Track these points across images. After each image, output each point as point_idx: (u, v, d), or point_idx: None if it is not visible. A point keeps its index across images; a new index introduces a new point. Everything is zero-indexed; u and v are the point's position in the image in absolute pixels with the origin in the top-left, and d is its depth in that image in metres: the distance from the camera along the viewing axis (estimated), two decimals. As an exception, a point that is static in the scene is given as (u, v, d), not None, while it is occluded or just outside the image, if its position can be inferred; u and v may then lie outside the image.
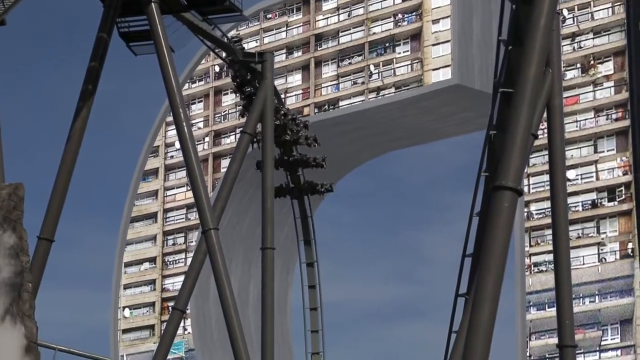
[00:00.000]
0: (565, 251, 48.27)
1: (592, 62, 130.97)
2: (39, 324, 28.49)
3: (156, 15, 57.10)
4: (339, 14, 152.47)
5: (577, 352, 68.03)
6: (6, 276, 31.37)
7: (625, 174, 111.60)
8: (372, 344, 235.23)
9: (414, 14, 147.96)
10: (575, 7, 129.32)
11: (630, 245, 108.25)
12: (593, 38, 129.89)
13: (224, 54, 71.79)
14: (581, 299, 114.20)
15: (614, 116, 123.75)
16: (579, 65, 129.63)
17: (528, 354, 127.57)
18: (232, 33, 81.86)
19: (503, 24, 42.14)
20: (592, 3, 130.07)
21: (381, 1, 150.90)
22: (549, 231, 58.21)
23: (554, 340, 51.17)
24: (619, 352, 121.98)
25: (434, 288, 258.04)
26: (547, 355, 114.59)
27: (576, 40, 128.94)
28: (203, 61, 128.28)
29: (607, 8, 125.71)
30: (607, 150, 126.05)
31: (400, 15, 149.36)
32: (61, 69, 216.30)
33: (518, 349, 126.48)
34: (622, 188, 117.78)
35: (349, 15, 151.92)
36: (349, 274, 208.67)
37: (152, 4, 57.28)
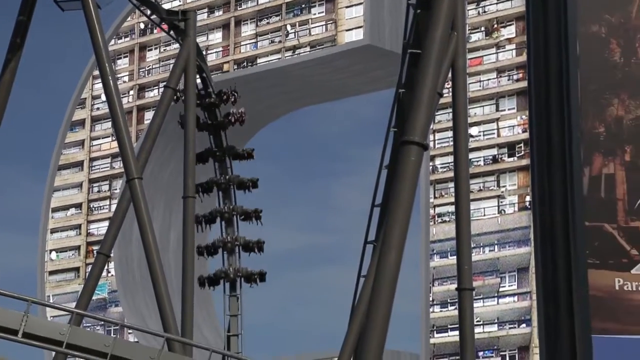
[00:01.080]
0: (466, 203, 49.69)
1: (495, 25, 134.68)
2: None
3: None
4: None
5: (477, 297, 70.12)
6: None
7: (524, 131, 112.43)
8: (286, 288, 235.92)
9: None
10: None
11: (527, 198, 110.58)
12: (497, 3, 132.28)
13: (148, 12, 72.33)
14: (481, 248, 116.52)
15: (515, 77, 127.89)
16: (483, 29, 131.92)
17: (431, 298, 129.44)
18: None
19: None
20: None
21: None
22: (452, 184, 59.55)
23: (455, 285, 52.61)
24: (515, 298, 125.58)
25: (345, 236, 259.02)
26: (448, 300, 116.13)
27: (481, 5, 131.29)
28: (129, 18, 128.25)
29: None
30: (508, 109, 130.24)
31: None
32: None
33: (422, 293, 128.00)
34: (522, 144, 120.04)
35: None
36: (264, 223, 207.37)
37: (81, -33, 57.93)
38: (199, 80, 67.79)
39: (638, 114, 26.29)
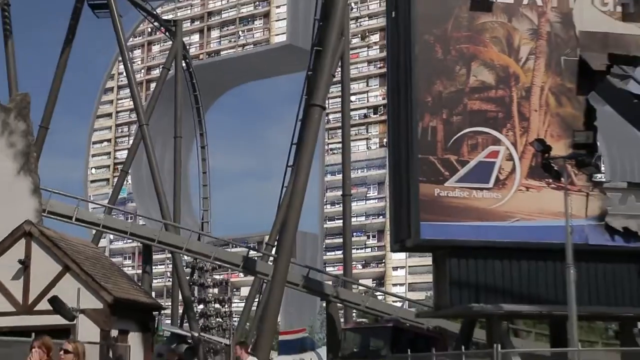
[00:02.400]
0: (347, 142, 51.61)
1: (367, 34, 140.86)
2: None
3: (111, -3, 57.14)
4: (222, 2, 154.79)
5: (353, 200, 70.55)
6: (19, 148, 31.72)
7: (383, 99, 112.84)
8: (241, 194, 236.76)
9: (266, 2, 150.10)
10: (359, 1, 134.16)
11: (385, 140, 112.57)
12: (368, 20, 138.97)
13: (153, 20, 72.44)
14: (357, 170, 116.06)
15: (378, 66, 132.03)
16: (359, 35, 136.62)
17: (325, 200, 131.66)
18: (160, 10, 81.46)
19: (318, 10, 43.86)
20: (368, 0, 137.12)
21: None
22: (340, 130, 60.02)
23: (340, 192, 53.52)
24: (376, 200, 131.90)
25: (275, 162, 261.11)
26: (335, 201, 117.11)
27: (358, 21, 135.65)
28: (141, 25, 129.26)
29: (377, 2, 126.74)
30: (374, 85, 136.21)
31: (258, 2, 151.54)
32: (49, 25, 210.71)
33: (320, 197, 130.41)
34: (382, 107, 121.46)
35: (227, 2, 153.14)
36: (228, 155, 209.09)
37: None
38: (184, 63, 67.51)
39: (451, 90, 26.45)
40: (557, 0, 27.95)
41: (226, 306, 69.30)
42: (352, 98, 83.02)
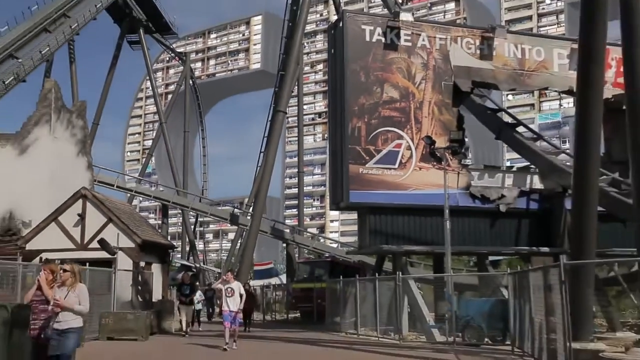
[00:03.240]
0: (301, 137, 49.93)
1: (314, 64, 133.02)
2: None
3: (142, 34, 56.49)
4: (216, 41, 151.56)
5: (304, 175, 69.85)
6: (79, 137, 31.46)
7: (325, 108, 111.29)
8: (230, 173, 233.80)
9: (247, 41, 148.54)
10: (309, 42, 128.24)
11: (326, 135, 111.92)
12: (316, 54, 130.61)
13: (170, 52, 71.47)
14: (307, 155, 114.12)
15: (322, 85, 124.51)
16: (309, 64, 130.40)
17: (285, 175, 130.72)
18: (175, 45, 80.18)
19: (282, 47, 43.26)
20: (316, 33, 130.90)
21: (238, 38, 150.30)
22: (296, 129, 59.71)
23: (296, 170, 52.74)
24: (320, 176, 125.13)
25: (253, 149, 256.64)
26: (292, 176, 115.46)
27: (308, 55, 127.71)
28: (162, 55, 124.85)
29: (322, 42, 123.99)
30: (318, 98, 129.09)
31: (241, 41, 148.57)
32: (101, 52, 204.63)
33: (281, 175, 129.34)
34: (324, 113, 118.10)
35: (220, 40, 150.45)
36: (220, 144, 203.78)
37: (141, 29, 56.58)
38: (191, 82, 67.02)
39: (370, 102, 26.50)
40: (439, 45, 28.22)
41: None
42: (305, 107, 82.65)
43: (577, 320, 13.83)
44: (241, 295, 16.89)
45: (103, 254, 23.36)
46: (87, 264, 20.30)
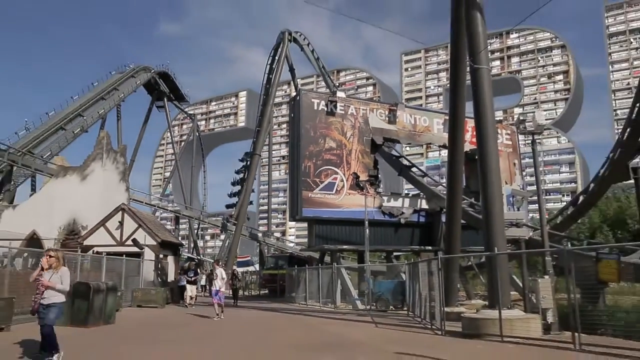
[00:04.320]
0: (270, 171, 48.62)
1: (280, 123, 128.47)
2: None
3: (165, 101, 55.70)
4: (215, 107, 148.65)
5: (272, 197, 68.30)
6: (120, 169, 30.87)
7: (287, 153, 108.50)
8: (222, 195, 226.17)
9: (235, 108, 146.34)
10: (276, 108, 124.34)
11: (287, 171, 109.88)
12: (282, 117, 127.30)
13: (184, 114, 69.99)
14: (274, 184, 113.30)
15: (285, 137, 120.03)
16: (276, 123, 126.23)
17: (259, 197, 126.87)
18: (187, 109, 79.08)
19: (259, 110, 42.58)
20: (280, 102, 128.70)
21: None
22: (267, 166, 58.56)
23: (266, 194, 51.34)
24: (283, 198, 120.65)
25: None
26: (264, 197, 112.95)
27: (275, 115, 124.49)
28: (178, 116, 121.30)
29: (285, 109, 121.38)
30: (283, 146, 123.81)
31: (231, 109, 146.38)
32: (137, 112, 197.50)
33: (257, 195, 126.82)
34: (286, 156, 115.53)
35: (218, 107, 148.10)
36: (216, 175, 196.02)
37: (165, 98, 55.94)
38: (197, 134, 65.86)
39: (317, 149, 26.64)
40: (362, 113, 28.69)
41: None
42: (273, 151, 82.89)
43: (448, 293, 14.24)
44: (223, 278, 16.43)
45: (135, 249, 23.42)
46: (124, 255, 20.23)
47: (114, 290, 13.96)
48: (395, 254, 32.40)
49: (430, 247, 27.34)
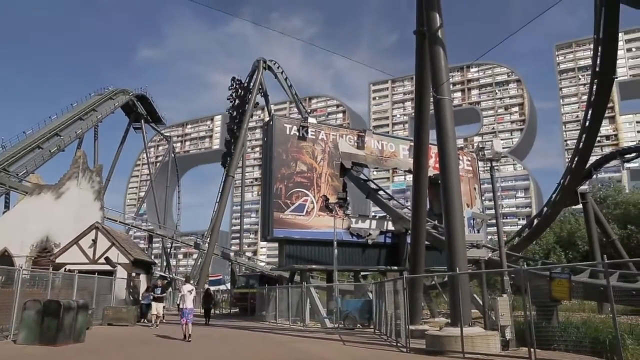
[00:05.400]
0: (243, 193, 47.94)
1: (254, 147, 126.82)
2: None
3: (143, 123, 54.99)
4: (190, 130, 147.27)
5: (245, 217, 67.66)
6: (96, 188, 30.15)
7: (260, 175, 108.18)
8: (195, 215, 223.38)
9: (211, 131, 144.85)
10: (250, 132, 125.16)
11: (259, 192, 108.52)
12: (255, 140, 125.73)
13: (160, 136, 68.94)
14: (247, 205, 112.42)
15: (258, 160, 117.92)
16: (250, 147, 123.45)
17: (232, 217, 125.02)
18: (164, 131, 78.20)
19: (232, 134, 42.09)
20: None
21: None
22: (240, 187, 57.73)
23: (239, 214, 50.38)
24: (255, 218, 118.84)
25: (212, 200, 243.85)
26: (236, 218, 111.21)
27: (249, 139, 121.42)
28: (155, 137, 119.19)
29: (259, 133, 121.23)
30: (256, 169, 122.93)
31: (206, 132, 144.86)
32: (113, 134, 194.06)
33: (229, 215, 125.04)
34: (259, 178, 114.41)
35: (193, 129, 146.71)
36: (190, 196, 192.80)
37: (142, 120, 55.24)
38: (173, 155, 64.99)
39: (288, 172, 26.49)
40: (332, 138, 28.82)
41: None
42: (246, 174, 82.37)
43: (413, 311, 14.27)
44: (194, 297, 14.74)
45: (107, 267, 22.75)
46: (97, 273, 19.66)
47: (85, 308, 13.46)
48: (362, 273, 32.32)
49: (396, 267, 27.36)
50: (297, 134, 27.56)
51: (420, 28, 15.39)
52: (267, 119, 32.14)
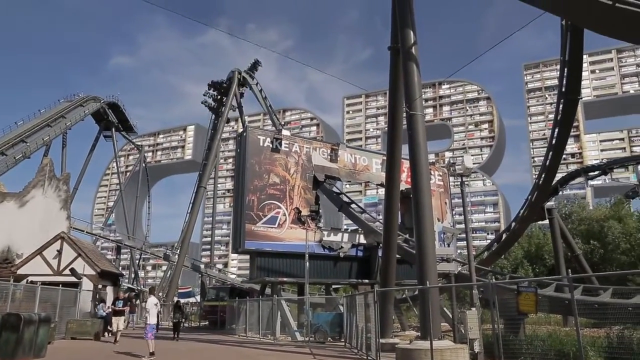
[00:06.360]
0: (215, 204, 47.43)
1: (227, 158, 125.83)
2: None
3: (113, 132, 54.07)
4: (162, 140, 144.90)
5: (216, 229, 66.23)
6: (62, 197, 29.29)
7: (232, 186, 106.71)
8: (165, 225, 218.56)
9: (183, 141, 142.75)
10: (223, 143, 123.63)
11: (231, 204, 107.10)
12: (227, 152, 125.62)
13: (131, 144, 67.81)
14: (218, 216, 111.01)
15: (231, 172, 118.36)
16: (223, 158, 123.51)
17: (202, 228, 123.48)
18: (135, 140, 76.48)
19: (205, 144, 41.65)
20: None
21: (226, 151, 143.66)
22: (212, 199, 57.04)
23: (210, 225, 49.68)
24: (227, 230, 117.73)
25: (182, 211, 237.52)
26: (207, 229, 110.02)
27: (223, 151, 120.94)
28: (126, 146, 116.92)
29: (232, 144, 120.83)
30: (229, 179, 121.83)
31: (178, 142, 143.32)
32: (82, 141, 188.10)
33: (200, 227, 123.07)
34: (231, 189, 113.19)
35: (165, 139, 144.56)
36: (160, 206, 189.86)
37: (113, 128, 54.29)
38: (144, 165, 63.93)
39: (261, 184, 26.36)
40: (306, 151, 28.84)
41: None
42: (219, 185, 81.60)
43: (383, 325, 14.31)
44: (160, 311, 14.07)
45: (72, 279, 22.14)
46: (61, 285, 19.09)
47: (47, 321, 12.97)
48: (334, 286, 32.24)
49: (367, 280, 27.42)
50: (271, 146, 27.50)
51: (395, 45, 15.67)
52: (240, 130, 32.00)
